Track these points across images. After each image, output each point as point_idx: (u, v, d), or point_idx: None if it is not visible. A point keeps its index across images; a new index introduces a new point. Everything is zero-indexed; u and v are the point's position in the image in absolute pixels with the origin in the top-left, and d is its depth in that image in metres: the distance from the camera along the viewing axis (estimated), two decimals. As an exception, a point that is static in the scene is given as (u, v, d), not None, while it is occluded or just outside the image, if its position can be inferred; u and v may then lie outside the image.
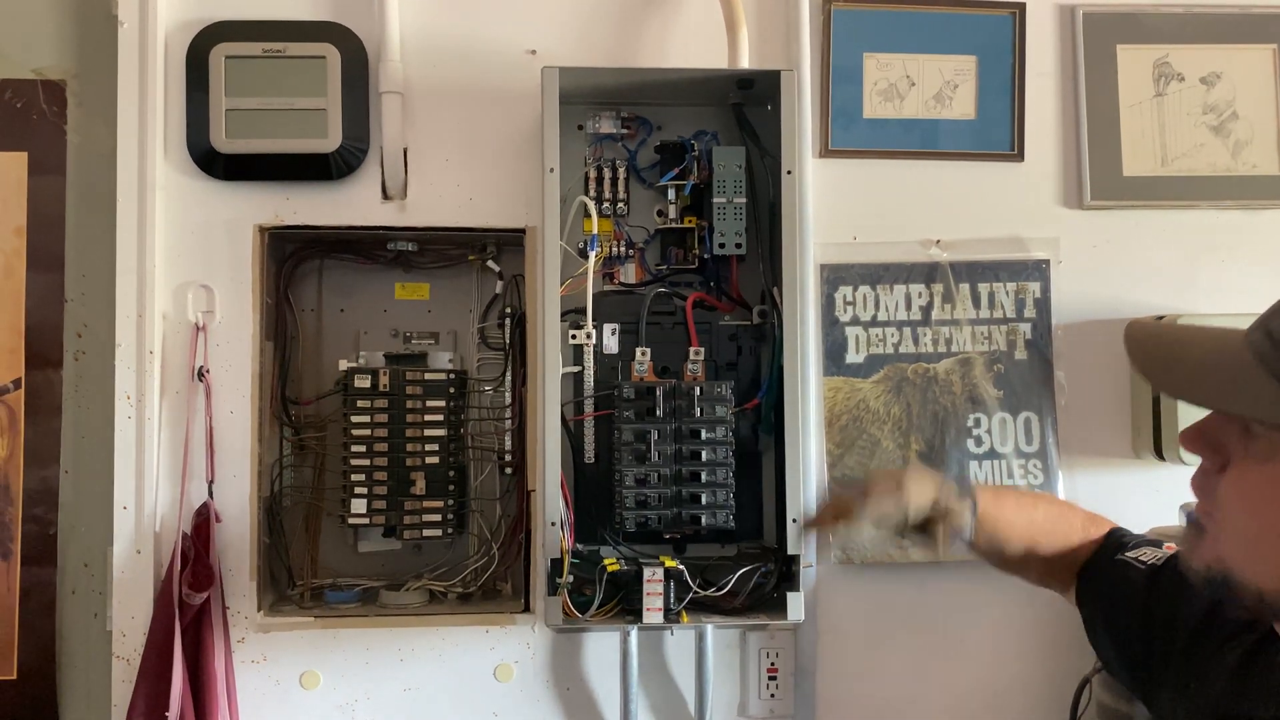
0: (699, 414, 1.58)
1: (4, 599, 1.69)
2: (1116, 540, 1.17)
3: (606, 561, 1.55)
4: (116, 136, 1.67)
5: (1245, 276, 1.84)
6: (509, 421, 1.76)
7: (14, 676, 1.68)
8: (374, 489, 1.70)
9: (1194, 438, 0.81)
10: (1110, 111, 1.82)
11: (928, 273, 1.79)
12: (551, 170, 1.57)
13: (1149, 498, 1.75)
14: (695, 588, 1.55)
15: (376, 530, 1.75)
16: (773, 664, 1.74)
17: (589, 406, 1.65)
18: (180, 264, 1.69)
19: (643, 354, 1.65)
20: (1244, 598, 0.76)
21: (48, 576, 1.70)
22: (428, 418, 1.71)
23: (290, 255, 1.78)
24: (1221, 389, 0.75)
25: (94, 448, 1.70)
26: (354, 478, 1.70)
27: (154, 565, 1.64)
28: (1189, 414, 0.83)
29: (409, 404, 1.71)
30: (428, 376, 1.72)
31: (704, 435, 1.58)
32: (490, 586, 1.75)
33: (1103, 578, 1.15)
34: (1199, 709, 0.91)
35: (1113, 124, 1.82)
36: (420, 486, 1.70)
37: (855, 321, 1.79)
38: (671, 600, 1.53)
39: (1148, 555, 1.11)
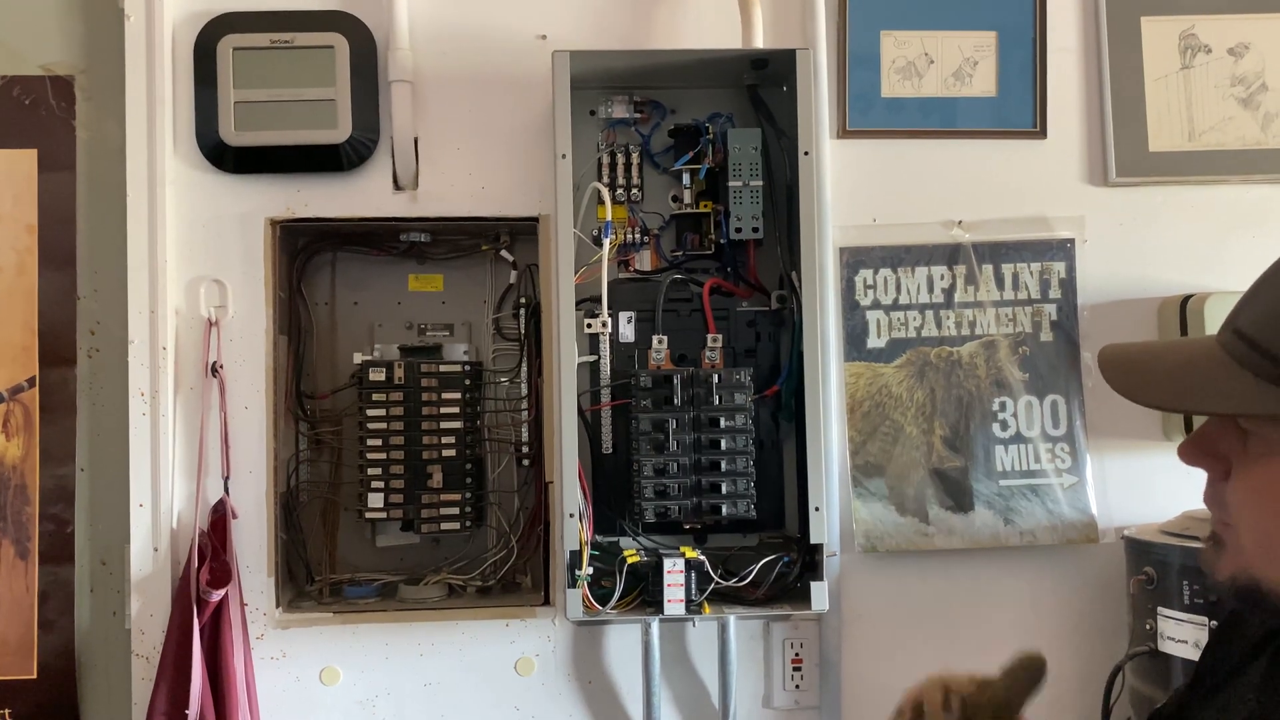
0: (718, 402, 1.56)
1: (22, 598, 1.68)
2: None
3: (626, 553, 1.54)
4: (125, 131, 1.66)
5: (1277, 252, 1.79)
6: (525, 413, 1.74)
7: (34, 675, 1.68)
8: (391, 483, 1.68)
9: (1190, 450, 0.80)
10: (1135, 85, 1.78)
11: (950, 254, 1.76)
12: (564, 156, 1.55)
13: (1180, 480, 1.69)
14: (717, 578, 1.53)
15: (394, 524, 1.73)
16: (797, 654, 1.72)
17: (606, 396, 1.63)
18: (192, 259, 1.68)
19: (659, 342, 1.62)
20: (1271, 602, 0.74)
21: (66, 575, 1.69)
22: (444, 410, 1.70)
23: (302, 248, 1.76)
24: (1199, 391, 0.75)
25: (109, 445, 1.69)
26: (371, 472, 1.68)
27: (171, 562, 1.64)
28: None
29: (425, 396, 1.69)
30: (443, 368, 1.70)
31: (723, 423, 1.56)
32: (510, 579, 1.74)
33: None
34: None
35: (1138, 98, 1.78)
36: (437, 480, 1.69)
37: (876, 305, 1.75)
38: (693, 591, 1.51)
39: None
